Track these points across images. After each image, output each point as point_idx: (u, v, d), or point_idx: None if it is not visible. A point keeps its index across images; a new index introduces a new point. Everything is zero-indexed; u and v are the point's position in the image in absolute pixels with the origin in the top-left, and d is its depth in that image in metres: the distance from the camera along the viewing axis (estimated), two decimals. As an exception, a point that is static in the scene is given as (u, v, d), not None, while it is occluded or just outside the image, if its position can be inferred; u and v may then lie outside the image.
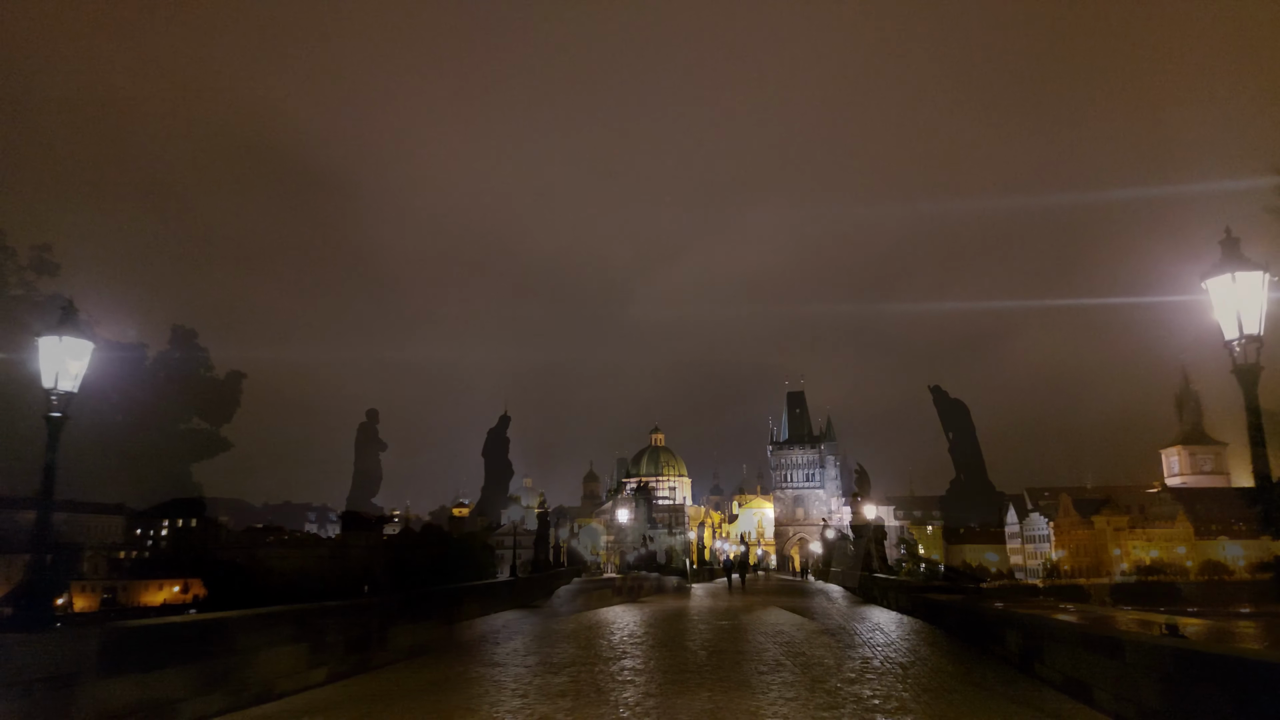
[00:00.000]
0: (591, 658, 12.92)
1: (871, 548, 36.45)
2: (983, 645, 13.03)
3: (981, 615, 13.34)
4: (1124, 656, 7.64)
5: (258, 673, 9.49)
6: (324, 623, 11.01)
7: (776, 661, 12.28)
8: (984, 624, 13.19)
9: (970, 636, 14.04)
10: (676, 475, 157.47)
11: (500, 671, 11.59)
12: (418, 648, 13.39)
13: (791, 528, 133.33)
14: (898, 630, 16.98)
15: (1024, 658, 10.85)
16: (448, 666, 12.06)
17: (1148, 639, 7.20)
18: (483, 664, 12.31)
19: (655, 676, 10.83)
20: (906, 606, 21.56)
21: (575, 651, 13.84)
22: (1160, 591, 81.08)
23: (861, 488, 39.12)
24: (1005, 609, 12.07)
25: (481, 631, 15.89)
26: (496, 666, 12.08)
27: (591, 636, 16.24)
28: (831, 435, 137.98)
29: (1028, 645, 10.74)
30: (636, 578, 33.41)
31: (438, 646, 13.92)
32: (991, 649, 12.56)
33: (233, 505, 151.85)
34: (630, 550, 41.94)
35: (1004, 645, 11.93)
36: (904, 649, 13.69)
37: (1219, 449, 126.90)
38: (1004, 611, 12.00)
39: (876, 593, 28.04)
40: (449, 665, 12.20)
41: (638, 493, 43.51)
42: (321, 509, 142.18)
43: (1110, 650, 7.99)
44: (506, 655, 13.26)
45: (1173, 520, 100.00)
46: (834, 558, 70.34)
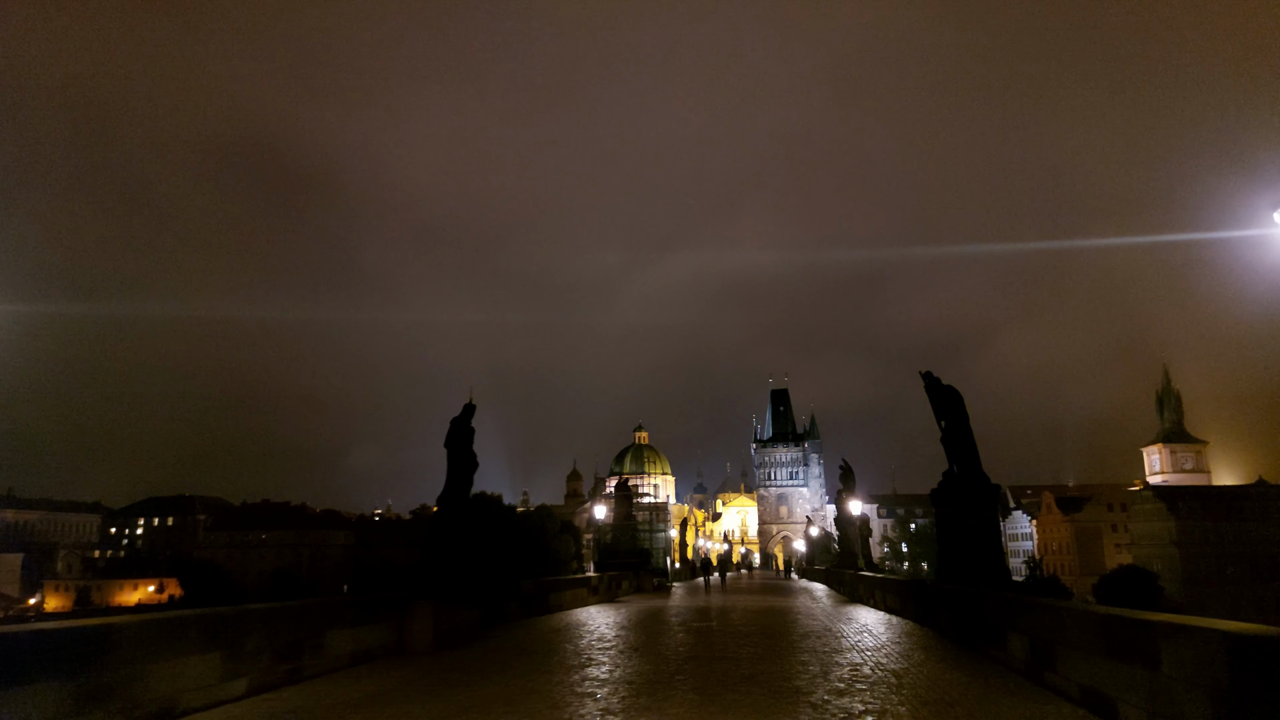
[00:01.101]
0: (552, 665, 11.68)
1: (857, 545, 35.43)
2: (982, 649, 11.90)
3: (982, 611, 12.18)
4: (1159, 661, 6.49)
5: (156, 687, 8.18)
6: (245, 628, 9.70)
7: (756, 669, 11.09)
8: (983, 623, 12.04)
9: (967, 639, 12.91)
10: (660, 473, 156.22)
11: (445, 682, 10.32)
12: (363, 654, 12.10)
13: (775, 526, 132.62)
14: (887, 632, 15.86)
15: (1032, 665, 9.71)
16: (388, 676, 10.78)
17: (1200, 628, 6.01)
18: (427, 673, 11.03)
19: (619, 688, 9.60)
20: (895, 606, 20.48)
21: (536, 658, 12.60)
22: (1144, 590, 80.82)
23: (846, 484, 38.11)
24: (1012, 597, 10.89)
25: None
26: (444, 675, 10.82)
27: (557, 641, 15.00)
28: (815, 433, 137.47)
29: (1036, 649, 9.59)
30: (614, 576, 32.16)
31: (385, 653, 12.64)
32: (991, 653, 11.43)
33: (212, 504, 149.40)
34: (609, 548, 40.66)
35: (1006, 649, 10.80)
36: (896, 654, 12.54)
37: (1200, 447, 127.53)
38: (1010, 601, 10.83)
39: (862, 591, 26.99)
40: (390, 674, 10.92)
41: (618, 490, 42.24)
42: (301, 508, 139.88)
43: (1140, 652, 6.83)
44: (457, 663, 12.00)
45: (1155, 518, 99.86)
46: (818, 556, 69.56)
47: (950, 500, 16.80)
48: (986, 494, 16.49)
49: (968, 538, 16.22)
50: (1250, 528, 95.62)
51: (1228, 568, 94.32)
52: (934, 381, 17.69)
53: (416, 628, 13.10)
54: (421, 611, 13.14)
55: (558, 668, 11.39)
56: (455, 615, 15.40)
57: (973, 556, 16.02)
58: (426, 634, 13.12)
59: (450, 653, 13.03)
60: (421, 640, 13.07)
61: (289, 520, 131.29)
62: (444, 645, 13.66)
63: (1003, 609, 11.11)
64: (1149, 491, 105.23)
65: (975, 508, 16.36)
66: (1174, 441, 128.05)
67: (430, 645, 13.14)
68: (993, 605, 11.63)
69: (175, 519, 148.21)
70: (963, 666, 10.97)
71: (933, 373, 17.89)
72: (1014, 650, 10.47)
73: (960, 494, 16.59)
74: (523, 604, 19.71)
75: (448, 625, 14.75)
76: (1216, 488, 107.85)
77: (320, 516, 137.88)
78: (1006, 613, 10.91)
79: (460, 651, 13.24)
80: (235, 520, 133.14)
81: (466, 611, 16.05)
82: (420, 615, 13.13)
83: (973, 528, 16.23)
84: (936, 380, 17.68)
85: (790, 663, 11.72)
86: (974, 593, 12.95)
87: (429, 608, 13.16)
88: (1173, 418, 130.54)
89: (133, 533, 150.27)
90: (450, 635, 14.73)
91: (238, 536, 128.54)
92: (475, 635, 15.45)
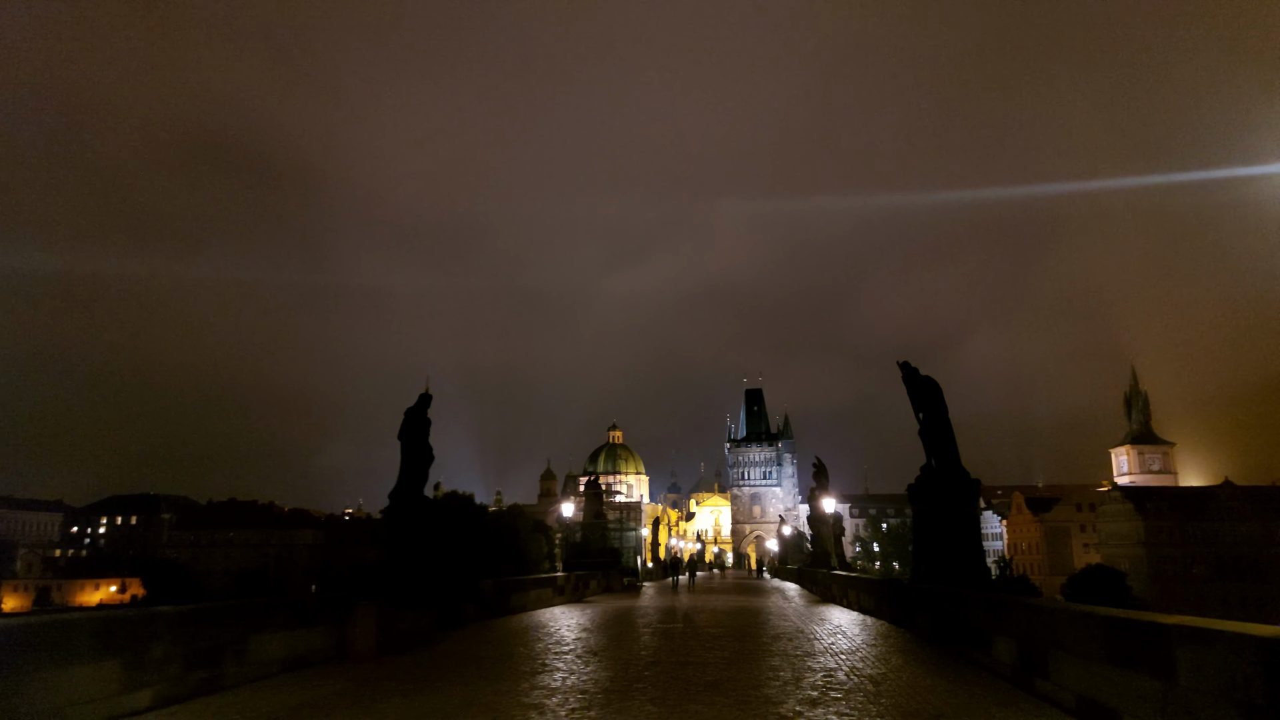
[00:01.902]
0: (502, 672, 10.73)
1: (830, 544, 34.80)
2: (964, 653, 11.14)
3: (964, 612, 11.41)
4: (1175, 670, 5.71)
5: (37, 700, 7.14)
6: (151, 632, 8.66)
7: (723, 676, 10.23)
8: (966, 625, 11.28)
9: (949, 642, 12.15)
10: (634, 473, 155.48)
11: (381, 692, 9.35)
12: (297, 661, 11.07)
13: (748, 525, 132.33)
14: (862, 634, 15.10)
15: (1021, 670, 8.94)
16: (321, 685, 9.78)
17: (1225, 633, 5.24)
18: (365, 682, 10.04)
19: (570, 699, 8.69)
20: (870, 606, 19.77)
21: (485, 664, 11.65)
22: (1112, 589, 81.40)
23: (820, 482, 37.43)
24: (998, 598, 10.12)
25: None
26: (382, 684, 9.84)
27: (513, 645, 14.05)
28: (789, 433, 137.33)
29: (1026, 654, 8.83)
30: (581, 576, 31.22)
31: (324, 659, 11.62)
32: (975, 657, 10.67)
33: (177, 502, 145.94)
34: (578, 547, 39.72)
35: (991, 653, 10.04)
36: (872, 658, 11.75)
37: (1167, 449, 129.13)
38: (996, 601, 10.07)
39: (836, 590, 26.30)
40: (324, 683, 9.92)
41: (587, 488, 41.28)
42: (269, 507, 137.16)
43: (1151, 659, 6.06)
44: (399, 670, 11.01)
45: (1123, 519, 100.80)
46: (790, 555, 69.11)
47: (929, 496, 16.09)
48: (966, 489, 15.80)
49: (947, 535, 15.51)
50: (1216, 528, 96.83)
51: (1194, 567, 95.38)
52: (912, 372, 16.98)
53: (358, 632, 12.09)
54: (364, 614, 12.13)
55: (507, 675, 10.45)
56: (404, 618, 14.39)
57: (952, 555, 15.30)
58: (369, 639, 12.11)
59: (395, 659, 12.04)
60: (364, 645, 12.06)
61: (256, 519, 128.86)
62: (390, 650, 12.66)
63: (988, 610, 10.35)
64: (1117, 492, 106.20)
65: (954, 504, 15.66)
66: (1142, 443, 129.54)
67: (373, 651, 12.13)
68: (977, 606, 10.88)
69: (139, 518, 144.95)
70: (945, 672, 10.19)
71: (910, 363, 17.20)
72: (1000, 654, 9.71)
73: (939, 489, 15.88)
74: (481, 605, 18.72)
75: (395, 629, 13.74)
76: (1183, 489, 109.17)
77: (289, 516, 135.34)
78: (992, 614, 10.15)
79: (407, 657, 12.25)
80: (201, 519, 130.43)
81: (417, 614, 15.04)
82: (362, 618, 12.11)
83: (952, 525, 15.52)
84: (915, 371, 16.97)
85: (759, 668, 10.88)
86: (956, 593, 12.20)
87: (372, 610, 12.15)
88: (1140, 419, 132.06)
89: (95, 531, 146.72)
90: (398, 640, 13.72)
91: (203, 536, 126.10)
92: (427, 639, 14.45)
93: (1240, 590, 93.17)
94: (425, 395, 17.73)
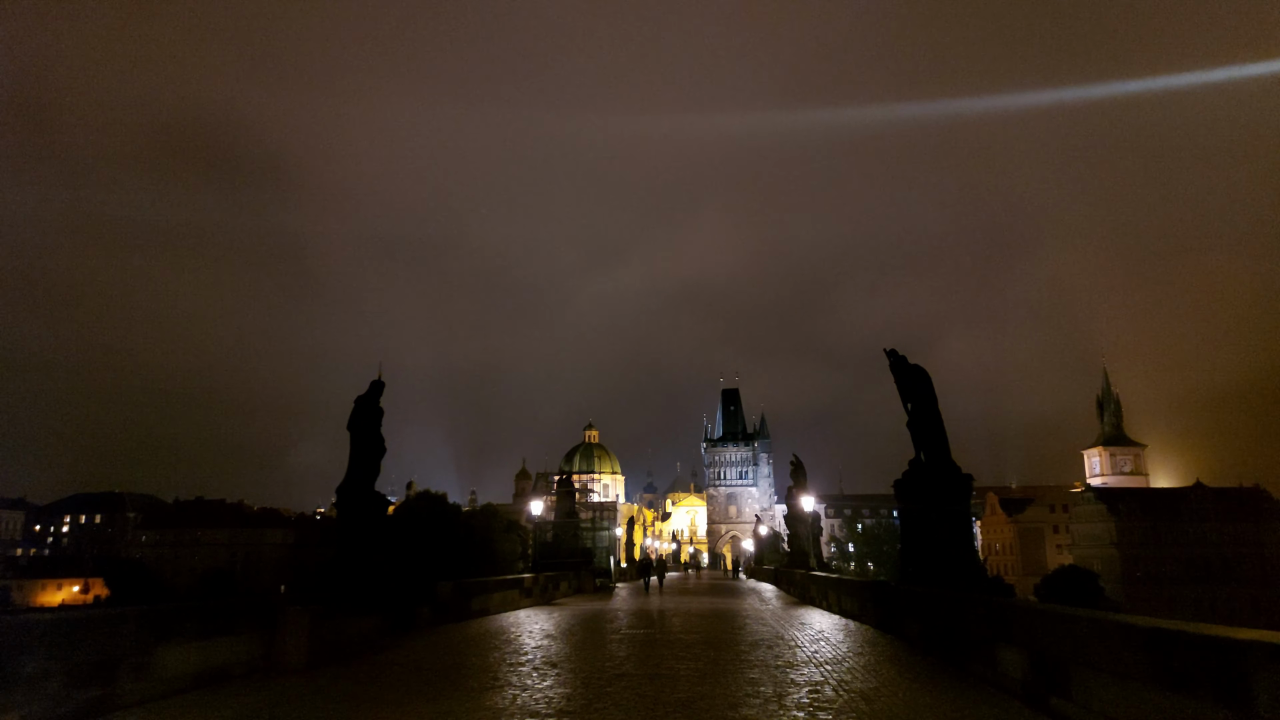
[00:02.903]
0: (446, 688, 9.48)
1: (808, 544, 33.82)
2: (963, 664, 10.06)
3: (963, 619, 10.33)
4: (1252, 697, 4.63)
5: None
6: (21, 644, 7.33)
7: (695, 692, 9.06)
8: (965, 633, 10.20)
9: (944, 651, 11.07)
10: (610, 473, 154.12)
11: (304, 711, 8.08)
12: (213, 674, 9.74)
13: (724, 526, 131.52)
14: (847, 641, 14.00)
15: (1033, 687, 7.86)
16: (234, 703, 8.48)
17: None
18: (286, 699, 8.74)
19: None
20: (852, 609, 18.71)
21: (431, 677, 10.39)
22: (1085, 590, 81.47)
23: (798, 480, 36.45)
24: (1005, 602, 9.05)
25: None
26: (306, 701, 8.56)
27: (466, 654, 12.78)
28: (765, 433, 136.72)
29: (1040, 668, 7.74)
30: (551, 577, 29.95)
31: (246, 671, 10.31)
32: (975, 669, 9.60)
33: (142, 501, 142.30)
34: (548, 547, 38.43)
35: (996, 666, 8.96)
36: (860, 669, 10.64)
37: (1138, 450, 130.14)
38: (1002, 607, 8.99)
39: (814, 592, 25.28)
40: (238, 700, 8.61)
41: (559, 486, 40.01)
42: (237, 506, 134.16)
43: (1215, 682, 4.97)
44: (331, 683, 9.73)
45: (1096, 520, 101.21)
46: (766, 555, 68.17)
47: (917, 492, 15.05)
48: (958, 485, 14.77)
49: (937, 534, 14.48)
50: (1188, 529, 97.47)
51: (1166, 568, 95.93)
52: (899, 360, 15.93)
53: (288, 640, 10.76)
54: (294, 620, 10.80)
55: (452, 691, 9.20)
56: (345, 624, 13.08)
57: (943, 555, 14.27)
58: (300, 648, 10.79)
59: (331, 670, 10.73)
60: (293, 655, 10.74)
61: (224, 519, 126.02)
62: (327, 660, 11.36)
63: (992, 617, 9.27)
64: (1090, 493, 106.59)
65: (946, 500, 14.62)
66: (1113, 444, 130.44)
67: (305, 661, 10.81)
68: (978, 612, 9.80)
69: (104, 516, 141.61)
70: (944, 687, 9.10)
71: (898, 350, 16.16)
72: (1007, 668, 8.63)
73: (929, 485, 14.84)
74: (438, 609, 17.40)
75: (335, 636, 12.43)
76: (1155, 490, 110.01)
77: (257, 515, 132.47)
78: (998, 621, 9.07)
79: (344, 669, 10.95)
80: (167, 518, 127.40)
81: (361, 619, 13.73)
82: (292, 625, 10.79)
83: (943, 523, 14.50)
84: (902, 359, 15.92)
85: (737, 681, 9.72)
86: (952, 597, 11.11)
87: (304, 616, 10.83)
88: (1112, 421, 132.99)
89: (58, 530, 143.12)
90: (339, 648, 12.42)
91: (169, 535, 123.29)
92: (373, 647, 13.15)
93: (1211, 592, 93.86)
94: (377, 382, 16.42)
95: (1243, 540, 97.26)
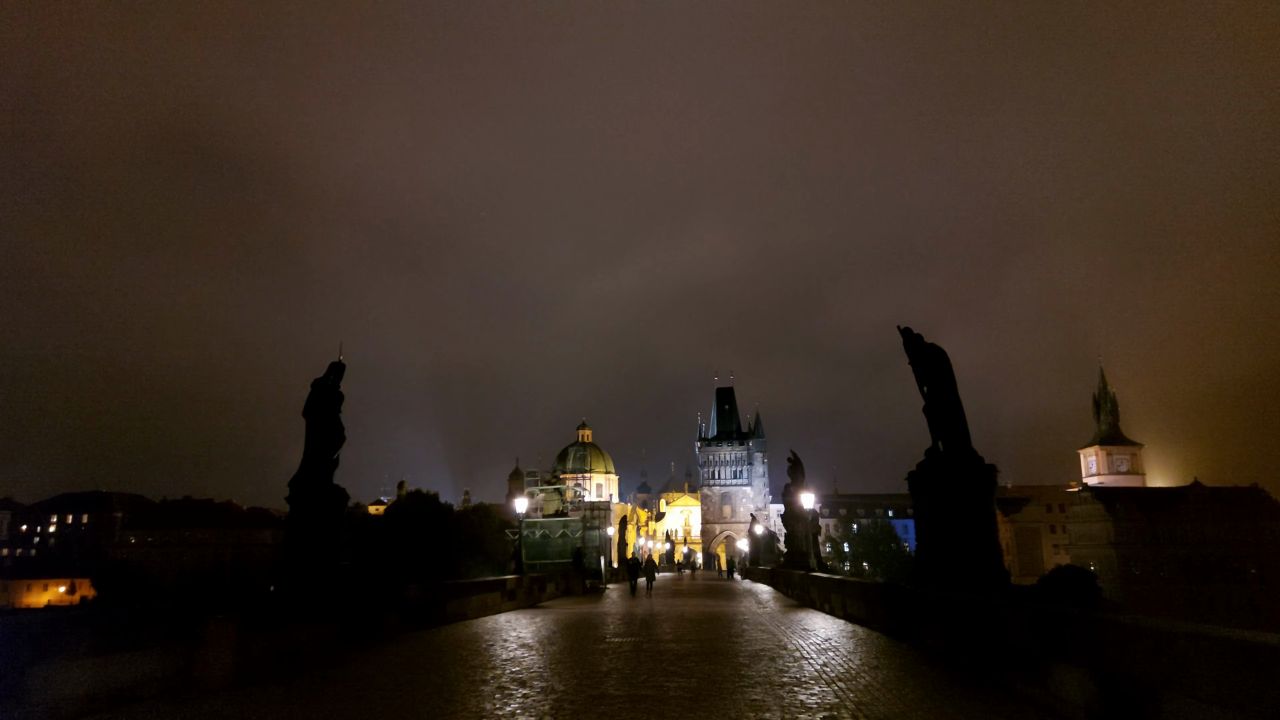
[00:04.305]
0: (388, 714, 7.93)
1: (807, 543, 32.33)
2: (1004, 683, 8.56)
3: (1001, 629, 8.81)
4: None
5: None
6: None
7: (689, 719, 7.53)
8: (1003, 646, 8.69)
9: (974, 666, 9.57)
10: (603, 472, 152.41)
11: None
12: (115, 696, 8.18)
13: (718, 525, 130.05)
14: (858, 651, 12.48)
15: (1108, 715, 6.35)
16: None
17: None
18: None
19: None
20: (858, 613, 17.21)
21: (377, 701, 8.84)
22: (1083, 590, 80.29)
23: (795, 477, 34.92)
24: (1059, 611, 7.54)
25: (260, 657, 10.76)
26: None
27: (428, 668, 11.23)
28: (760, 432, 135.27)
29: (1115, 693, 6.23)
30: (536, 579, 28.40)
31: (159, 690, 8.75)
32: (1020, 690, 8.10)
33: (130, 501, 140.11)
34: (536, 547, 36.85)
35: (1048, 687, 7.47)
36: (879, 687, 9.12)
37: (1135, 449, 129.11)
38: (1055, 616, 7.49)
39: (815, 594, 23.78)
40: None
41: (547, 484, 38.46)
42: (226, 505, 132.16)
43: None
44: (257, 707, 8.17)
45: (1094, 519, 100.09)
46: (762, 555, 66.73)
47: (935, 485, 13.55)
48: (980, 477, 13.28)
49: (958, 531, 12.99)
50: (1185, 529, 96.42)
51: (1163, 569, 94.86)
52: (915, 339, 14.43)
53: (210, 655, 9.19)
54: (218, 632, 9.22)
55: (393, 717, 7.65)
56: (293, 633, 11.52)
57: (965, 555, 12.79)
58: (224, 663, 9.22)
59: (261, 690, 9.18)
60: (216, 672, 9.17)
61: (213, 518, 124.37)
62: (261, 677, 9.80)
63: (1043, 627, 7.76)
64: (1088, 493, 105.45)
65: (967, 493, 13.14)
66: (1110, 444, 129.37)
67: (231, 678, 9.24)
68: (1022, 621, 8.29)
69: (91, 516, 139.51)
70: (984, 713, 7.59)
71: (912, 329, 14.67)
72: (1065, 691, 7.12)
73: (948, 477, 13.36)
74: (407, 614, 15.84)
75: (276, 648, 10.87)
76: (1153, 489, 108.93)
77: (247, 515, 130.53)
78: (1050, 633, 7.56)
79: (281, 686, 9.40)
80: (155, 518, 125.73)
81: (314, 628, 12.16)
82: (215, 637, 9.21)
83: (964, 519, 13.00)
84: (918, 338, 14.42)
85: (736, 704, 8.19)
86: (988, 603, 9.56)
87: (229, 626, 9.25)
88: (1109, 420, 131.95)
89: (45, 530, 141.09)
90: (280, 662, 10.85)
91: (157, 535, 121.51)
92: (324, 660, 11.58)
93: (1209, 592, 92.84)
94: (336, 364, 14.86)
95: (1241, 540, 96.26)
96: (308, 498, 13.96)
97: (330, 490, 14.32)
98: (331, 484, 14.38)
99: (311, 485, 14.05)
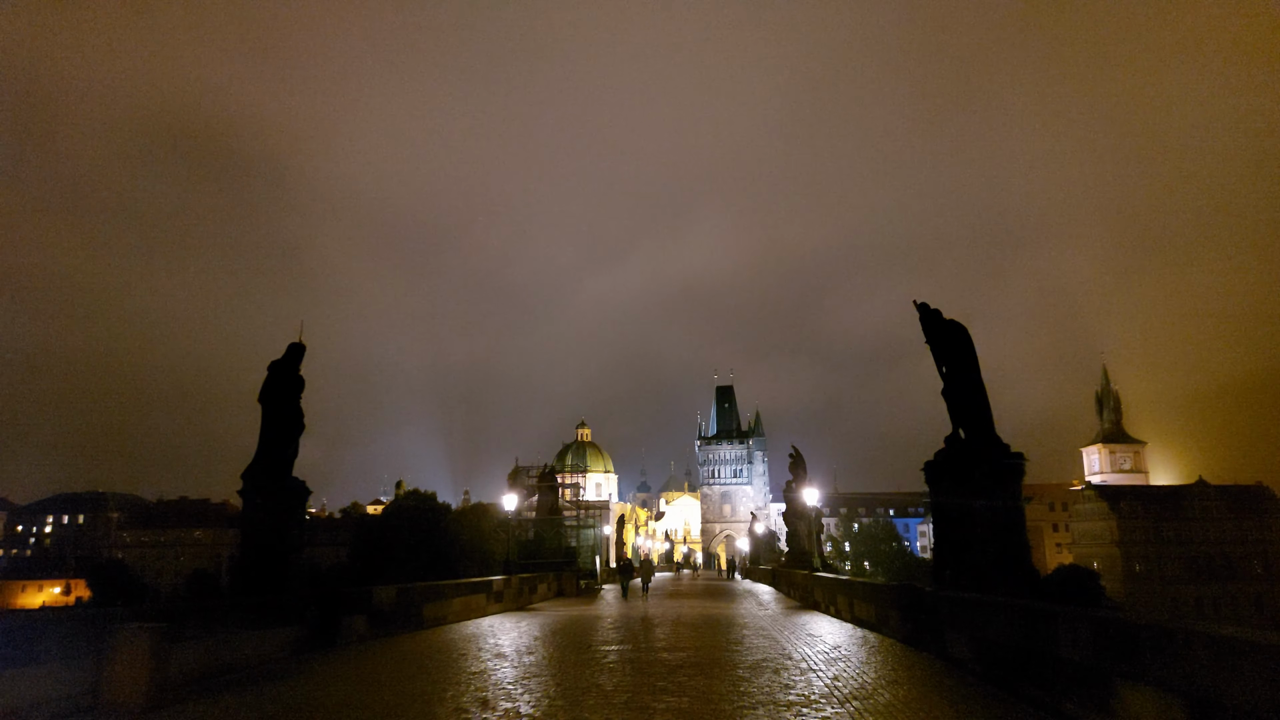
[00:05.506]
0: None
1: (810, 541, 31.02)
2: (1053, 705, 7.23)
3: (1049, 640, 7.48)
4: None
5: None
6: None
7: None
8: (1048, 659, 7.37)
9: (1011, 680, 8.24)
10: (602, 471, 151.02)
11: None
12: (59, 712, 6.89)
13: (718, 524, 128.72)
14: (873, 662, 11.15)
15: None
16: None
17: None
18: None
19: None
20: (868, 617, 15.90)
21: (318, 714, 7.52)
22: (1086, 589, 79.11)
23: (797, 473, 33.59)
24: (1124, 621, 6.20)
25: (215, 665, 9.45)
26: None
27: (384, 685, 9.89)
28: (760, 430, 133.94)
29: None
30: (527, 579, 27.07)
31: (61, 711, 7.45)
32: (1073, 713, 6.78)
33: (125, 501, 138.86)
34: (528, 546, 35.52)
35: (1111, 710, 6.15)
36: (902, 707, 7.80)
37: (1138, 447, 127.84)
38: (1121, 625, 6.16)
39: (819, 596, 22.48)
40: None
41: (540, 482, 37.18)
42: (222, 505, 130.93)
43: None
44: None
45: (1097, 518, 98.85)
46: (762, 555, 65.50)
47: (956, 475, 12.23)
48: (1007, 467, 11.97)
49: (983, 528, 11.67)
50: (1190, 527, 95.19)
51: (1167, 567, 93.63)
52: (932, 315, 13.10)
53: (119, 671, 7.86)
54: (127, 644, 7.89)
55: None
56: (234, 642, 10.19)
57: (991, 554, 11.47)
58: (137, 680, 7.88)
59: (180, 708, 7.87)
60: (127, 691, 7.83)
61: (208, 519, 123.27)
62: (182, 695, 8.49)
63: (1104, 639, 6.42)
64: (1091, 491, 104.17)
65: (992, 484, 11.83)
66: (1113, 442, 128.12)
67: (145, 698, 7.91)
68: (1076, 631, 6.95)
69: (86, 516, 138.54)
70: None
71: (929, 305, 13.35)
72: (1136, 716, 5.81)
73: (971, 466, 12.04)
74: (376, 619, 14.52)
75: (206, 660, 9.55)
76: (1157, 487, 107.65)
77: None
78: (1115, 646, 6.23)
79: (206, 706, 8.09)
80: (150, 518, 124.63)
81: (262, 635, 10.84)
82: (124, 650, 7.88)
83: (990, 514, 11.69)
84: (936, 314, 13.08)
85: (737, 731, 6.88)
86: (1031, 608, 8.19)
87: (140, 637, 7.91)
88: (1112, 418, 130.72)
89: (40, 530, 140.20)
90: (213, 674, 9.54)
91: (152, 535, 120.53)
92: (270, 672, 10.26)
93: (1213, 590, 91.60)
94: (296, 345, 13.53)
95: (1246, 538, 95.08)
96: (263, 490, 12.64)
97: (289, 483, 13.00)
98: (290, 476, 13.06)
99: (267, 477, 12.72)
